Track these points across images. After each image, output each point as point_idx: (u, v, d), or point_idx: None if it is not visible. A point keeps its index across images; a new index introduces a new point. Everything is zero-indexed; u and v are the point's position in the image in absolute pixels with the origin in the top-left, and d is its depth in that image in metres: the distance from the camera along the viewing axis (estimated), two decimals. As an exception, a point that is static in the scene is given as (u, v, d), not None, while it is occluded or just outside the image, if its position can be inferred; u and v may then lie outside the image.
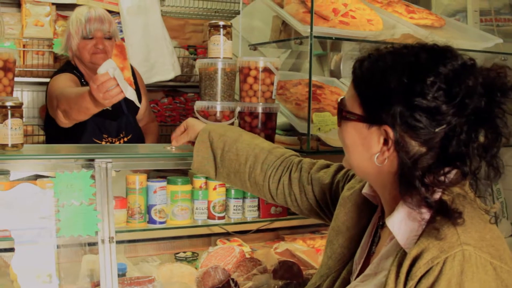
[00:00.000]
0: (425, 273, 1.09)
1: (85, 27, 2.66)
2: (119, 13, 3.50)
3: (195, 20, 4.09)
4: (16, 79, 2.07)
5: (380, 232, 1.32)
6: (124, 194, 2.04)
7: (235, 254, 2.30)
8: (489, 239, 1.13)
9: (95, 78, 1.84)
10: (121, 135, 2.74)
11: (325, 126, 2.17)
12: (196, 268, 2.30)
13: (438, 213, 1.13)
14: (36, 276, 1.83)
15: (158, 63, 3.56)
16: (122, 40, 3.33)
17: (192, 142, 1.90)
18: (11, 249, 1.83)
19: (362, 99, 1.21)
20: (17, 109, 1.81)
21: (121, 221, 2.01)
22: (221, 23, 2.14)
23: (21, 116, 1.83)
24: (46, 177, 1.89)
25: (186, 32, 4.08)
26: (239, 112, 2.14)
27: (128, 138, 2.76)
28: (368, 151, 1.21)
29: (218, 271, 2.14)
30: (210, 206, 2.15)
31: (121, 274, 2.03)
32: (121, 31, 3.45)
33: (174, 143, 1.94)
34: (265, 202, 2.23)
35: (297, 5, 2.30)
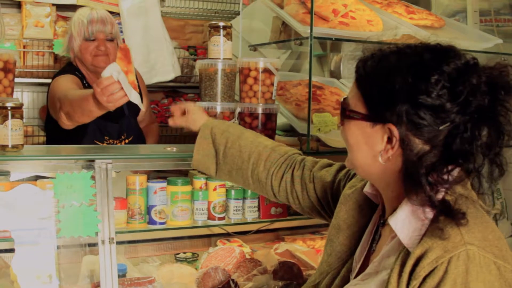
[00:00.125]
0: (430, 273, 1.09)
1: (87, 28, 2.65)
2: (119, 13, 3.50)
3: (195, 21, 4.09)
4: (16, 79, 2.07)
5: (381, 230, 1.32)
6: (124, 195, 2.04)
7: (235, 254, 2.30)
8: (491, 239, 1.13)
9: (99, 81, 1.84)
10: (122, 137, 2.74)
11: (325, 126, 2.18)
12: (196, 269, 2.30)
13: (441, 213, 1.13)
14: (36, 277, 1.83)
15: (158, 64, 3.56)
16: (122, 41, 3.32)
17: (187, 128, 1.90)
18: (11, 250, 1.83)
19: (366, 98, 1.22)
20: (17, 110, 1.81)
21: (121, 222, 2.01)
22: (221, 24, 2.14)
23: (21, 117, 1.83)
24: (46, 178, 1.89)
25: (186, 33, 4.08)
26: (239, 113, 2.14)
27: (129, 140, 2.76)
28: (372, 150, 1.22)
29: (218, 271, 2.14)
30: (210, 207, 2.15)
31: (121, 275, 2.03)
32: (121, 32, 3.44)
33: (170, 122, 1.92)
34: (265, 203, 2.23)
35: (297, 6, 2.30)
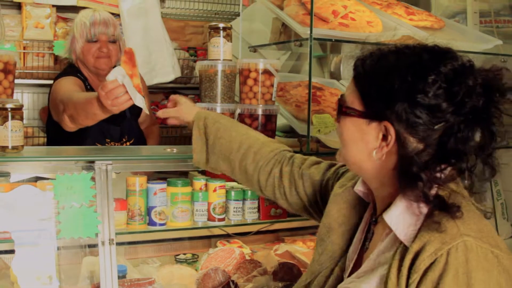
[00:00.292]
0: (430, 265, 1.11)
1: (90, 30, 2.64)
2: (119, 15, 3.50)
3: (195, 22, 4.09)
4: (16, 81, 2.07)
5: (373, 228, 1.34)
6: (124, 196, 2.04)
7: (235, 256, 2.30)
8: (486, 231, 1.17)
9: (104, 85, 1.83)
10: (124, 139, 2.74)
11: (325, 128, 2.18)
12: (196, 270, 2.30)
13: (436, 207, 1.16)
14: (36, 278, 1.83)
15: (158, 65, 3.56)
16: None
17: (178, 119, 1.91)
18: (12, 251, 1.83)
19: (364, 95, 1.24)
20: (17, 111, 1.81)
21: (121, 223, 2.01)
22: (221, 25, 2.14)
23: (22, 118, 1.83)
24: (47, 179, 1.89)
25: (186, 34, 4.08)
26: (239, 114, 2.14)
27: (131, 142, 2.76)
28: (367, 146, 1.24)
29: (218, 272, 2.14)
30: (210, 208, 2.15)
31: (121, 276, 2.04)
32: (121, 33, 3.45)
33: (159, 113, 1.91)
34: (265, 204, 2.23)
35: (297, 7, 2.30)
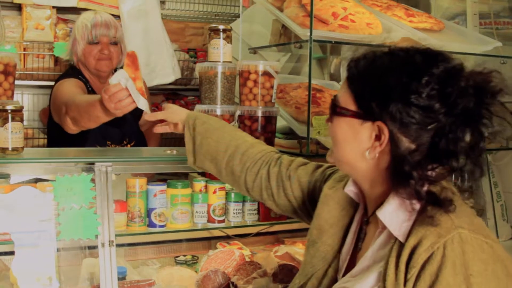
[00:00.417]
0: (428, 259, 1.13)
1: (91, 32, 2.64)
2: (119, 16, 3.51)
3: (195, 24, 4.10)
4: (16, 82, 2.07)
5: (365, 228, 1.36)
6: (124, 198, 2.04)
7: (235, 257, 2.30)
8: (477, 223, 1.21)
9: (107, 88, 1.83)
10: (125, 142, 2.74)
11: (325, 129, 2.18)
12: (196, 272, 2.30)
13: (429, 203, 1.18)
14: (36, 279, 1.83)
15: (158, 66, 3.57)
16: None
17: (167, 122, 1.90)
18: (11, 253, 1.83)
19: (357, 96, 1.26)
20: (17, 112, 1.81)
21: (121, 225, 2.01)
22: (221, 27, 2.15)
23: (22, 120, 1.84)
24: (46, 180, 1.89)
25: (186, 35, 4.08)
26: (239, 116, 2.14)
27: (132, 145, 2.76)
28: (360, 146, 1.26)
29: (218, 274, 2.14)
30: (210, 210, 2.15)
31: (121, 277, 2.04)
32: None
33: (147, 117, 1.90)
34: (264, 206, 2.23)
35: (297, 8, 2.30)
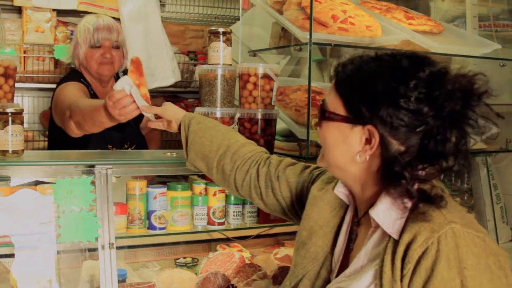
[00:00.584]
0: (422, 254, 1.16)
1: (93, 36, 2.64)
2: (119, 19, 3.51)
3: (195, 26, 4.11)
4: (16, 84, 2.07)
5: (357, 229, 1.38)
6: (124, 200, 2.04)
7: (235, 259, 2.31)
8: (468, 218, 1.24)
9: (111, 94, 1.83)
10: (126, 145, 2.74)
11: (325, 132, 2.18)
12: (196, 274, 2.30)
13: (421, 200, 1.21)
14: (36, 282, 1.83)
15: (158, 69, 3.57)
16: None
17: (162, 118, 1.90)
18: (12, 255, 1.84)
19: (346, 100, 1.28)
20: (17, 115, 1.82)
21: (121, 227, 2.01)
22: (220, 29, 2.15)
23: (22, 123, 1.84)
24: (47, 183, 1.89)
25: (186, 38, 4.09)
26: (238, 118, 2.15)
27: (133, 148, 2.76)
28: (350, 150, 1.28)
29: (218, 276, 2.14)
30: (210, 212, 2.15)
31: (121, 280, 2.04)
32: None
33: (144, 108, 1.87)
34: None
35: (297, 11, 2.31)
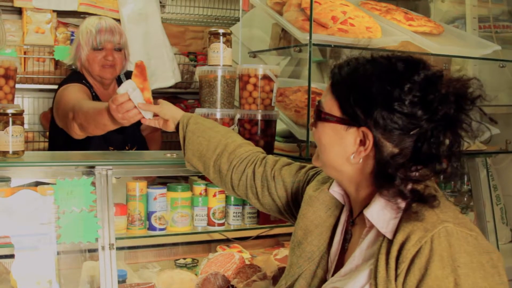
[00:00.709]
0: (416, 253, 1.17)
1: (96, 38, 2.64)
2: (119, 20, 3.52)
3: (195, 27, 4.11)
4: (17, 85, 2.08)
5: (351, 229, 1.39)
6: (124, 201, 2.04)
7: (235, 260, 2.31)
8: (461, 217, 1.25)
9: (115, 98, 1.84)
10: (127, 147, 2.74)
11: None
12: (196, 275, 2.31)
13: (414, 200, 1.23)
14: (36, 282, 1.84)
15: (159, 70, 3.58)
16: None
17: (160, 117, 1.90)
18: (12, 256, 1.84)
19: (342, 102, 1.30)
20: (18, 116, 1.82)
21: (121, 228, 2.01)
22: (221, 31, 2.15)
23: (22, 123, 1.84)
24: (47, 184, 1.90)
25: (186, 39, 4.10)
26: (238, 119, 2.15)
27: (134, 149, 2.76)
28: (345, 151, 1.30)
29: (218, 277, 2.14)
30: (210, 213, 2.15)
31: (121, 280, 2.04)
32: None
33: (141, 105, 1.86)
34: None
35: (296, 12, 2.31)
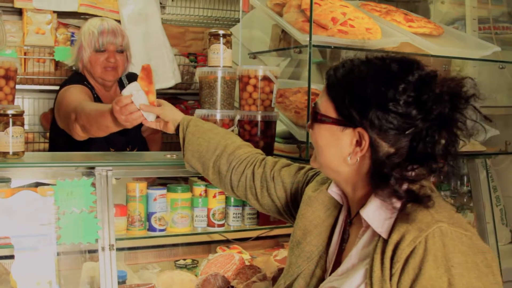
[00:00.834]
0: (410, 253, 1.18)
1: (98, 40, 2.63)
2: (119, 21, 3.52)
3: (195, 28, 4.11)
4: (17, 86, 2.08)
5: (349, 229, 1.40)
6: (124, 202, 2.04)
7: (235, 261, 2.31)
8: (457, 217, 1.26)
9: (119, 99, 1.84)
10: (128, 148, 2.74)
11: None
12: (196, 276, 2.31)
13: (409, 200, 1.24)
14: (36, 283, 1.84)
15: (159, 71, 3.57)
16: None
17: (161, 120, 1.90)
18: (12, 256, 1.84)
19: (337, 104, 1.31)
20: (18, 117, 1.82)
21: (121, 229, 2.02)
22: (221, 32, 2.15)
23: (22, 124, 1.84)
24: (47, 184, 1.90)
25: (187, 40, 4.10)
26: (238, 120, 2.15)
27: (135, 151, 2.76)
28: (341, 152, 1.31)
29: (217, 278, 2.15)
30: (210, 214, 2.16)
31: (121, 281, 2.04)
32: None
33: (142, 107, 1.86)
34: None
35: (296, 14, 2.31)
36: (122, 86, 2.84)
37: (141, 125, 2.83)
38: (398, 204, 1.25)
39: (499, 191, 3.12)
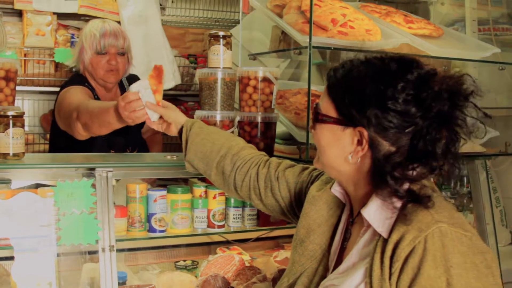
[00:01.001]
0: (410, 252, 1.19)
1: (99, 42, 2.62)
2: (119, 22, 3.53)
3: (195, 29, 4.11)
4: (17, 88, 2.08)
5: (351, 229, 1.41)
6: (124, 203, 2.05)
7: (235, 262, 2.31)
8: (457, 217, 1.26)
9: (125, 95, 1.84)
10: (128, 150, 2.74)
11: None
12: (196, 277, 2.31)
13: (409, 200, 1.24)
14: (36, 284, 1.84)
15: (159, 72, 3.57)
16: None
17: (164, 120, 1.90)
18: (12, 258, 1.84)
19: (338, 103, 1.33)
20: (18, 118, 1.83)
21: (122, 230, 2.02)
22: (221, 33, 2.16)
23: (23, 126, 1.85)
24: (47, 186, 1.90)
25: (186, 41, 4.10)
26: (238, 122, 2.15)
27: (135, 152, 2.77)
28: (343, 151, 1.32)
29: (217, 279, 2.15)
30: (210, 215, 2.16)
31: (121, 282, 2.04)
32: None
33: (148, 105, 1.86)
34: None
35: (296, 15, 2.32)
36: (122, 87, 2.85)
37: (141, 126, 2.85)
38: (398, 204, 1.26)
39: (499, 192, 3.12)
